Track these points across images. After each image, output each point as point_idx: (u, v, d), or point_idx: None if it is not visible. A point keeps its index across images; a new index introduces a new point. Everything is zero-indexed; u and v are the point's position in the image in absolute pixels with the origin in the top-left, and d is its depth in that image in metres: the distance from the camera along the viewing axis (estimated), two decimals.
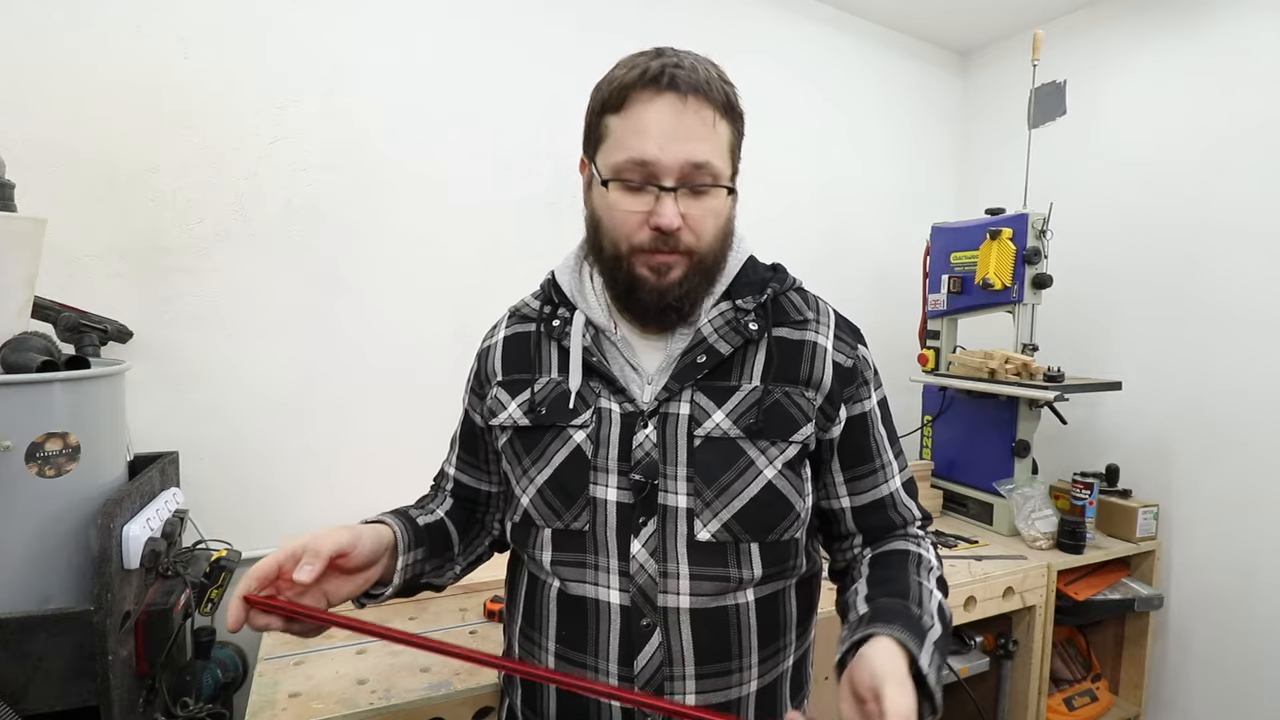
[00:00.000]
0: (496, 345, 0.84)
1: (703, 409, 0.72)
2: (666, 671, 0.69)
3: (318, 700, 0.96)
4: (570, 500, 0.72)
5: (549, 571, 0.74)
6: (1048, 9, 2.20)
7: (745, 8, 2.11)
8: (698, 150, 0.67)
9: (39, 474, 0.90)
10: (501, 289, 1.81)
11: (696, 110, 0.67)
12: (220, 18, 1.44)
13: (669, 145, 0.67)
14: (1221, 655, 1.85)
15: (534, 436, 0.75)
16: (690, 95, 0.67)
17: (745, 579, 0.71)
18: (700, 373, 0.73)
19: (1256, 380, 1.78)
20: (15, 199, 1.01)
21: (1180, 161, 1.93)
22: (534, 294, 0.85)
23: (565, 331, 0.77)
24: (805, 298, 0.81)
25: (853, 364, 0.78)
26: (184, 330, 1.45)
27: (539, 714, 0.76)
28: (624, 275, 0.72)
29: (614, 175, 0.70)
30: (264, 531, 1.52)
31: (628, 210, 0.70)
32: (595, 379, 0.75)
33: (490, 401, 0.80)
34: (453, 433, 0.92)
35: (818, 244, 2.26)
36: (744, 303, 0.75)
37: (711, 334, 0.74)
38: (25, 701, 0.88)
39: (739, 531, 0.71)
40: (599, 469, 0.72)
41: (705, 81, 0.68)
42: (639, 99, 0.68)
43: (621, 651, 0.70)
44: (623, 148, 0.69)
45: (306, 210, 1.55)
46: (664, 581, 0.70)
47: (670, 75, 0.66)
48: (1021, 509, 1.79)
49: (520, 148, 1.79)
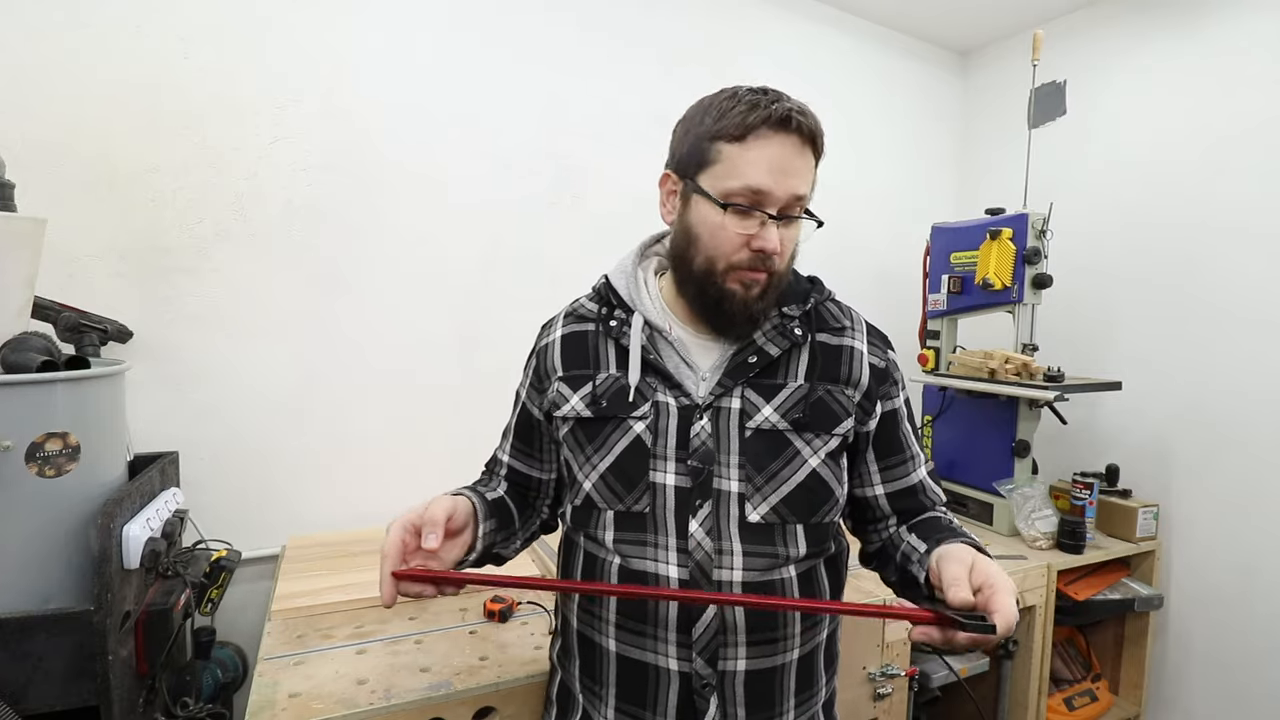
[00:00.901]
0: (555, 343, 0.90)
1: (753, 404, 0.80)
2: (721, 639, 0.77)
3: (318, 700, 0.96)
4: (631, 485, 0.80)
5: (610, 549, 0.81)
6: (1048, 9, 2.20)
7: (745, 8, 2.11)
8: (801, 185, 0.77)
9: (39, 474, 0.90)
10: (501, 289, 1.82)
11: (801, 148, 0.76)
12: (220, 18, 1.44)
13: (782, 179, 0.75)
14: (1221, 655, 1.86)
15: (596, 427, 0.82)
16: (799, 135, 0.75)
17: (791, 556, 0.79)
18: (751, 372, 0.81)
19: (1256, 380, 1.78)
20: (15, 199, 1.01)
21: (1180, 161, 1.93)
22: (588, 296, 0.92)
23: (623, 331, 0.84)
24: (840, 307, 0.90)
25: (885, 366, 0.87)
26: (184, 330, 1.45)
27: (599, 681, 0.82)
28: (714, 288, 0.79)
29: (725, 198, 0.76)
30: (264, 531, 1.52)
31: (735, 231, 0.76)
32: (652, 375, 0.82)
33: (553, 395, 0.87)
34: (505, 424, 0.99)
35: (818, 244, 2.25)
36: (789, 310, 0.84)
37: (760, 337, 0.82)
38: (25, 701, 0.88)
39: (786, 514, 0.79)
40: (658, 456, 0.79)
41: (817, 130, 0.77)
42: (762, 134, 0.75)
43: (680, 620, 0.76)
44: (738, 175, 0.75)
45: (306, 210, 1.55)
46: (719, 558, 0.77)
47: (796, 121, 0.75)
48: (1021, 509, 1.79)
49: (520, 148, 1.79)
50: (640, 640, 0.78)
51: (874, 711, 1.41)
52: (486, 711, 1.03)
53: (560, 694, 0.90)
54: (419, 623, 1.21)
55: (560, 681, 0.90)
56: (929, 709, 1.65)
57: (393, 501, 1.68)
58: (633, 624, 0.79)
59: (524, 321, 1.81)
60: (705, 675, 0.76)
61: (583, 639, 0.84)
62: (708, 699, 0.77)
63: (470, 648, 1.12)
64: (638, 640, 0.78)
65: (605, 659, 0.81)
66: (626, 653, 0.79)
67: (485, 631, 1.18)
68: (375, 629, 1.18)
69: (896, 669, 1.39)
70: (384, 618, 1.22)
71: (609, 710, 0.81)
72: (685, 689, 0.77)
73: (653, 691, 0.78)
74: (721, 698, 0.77)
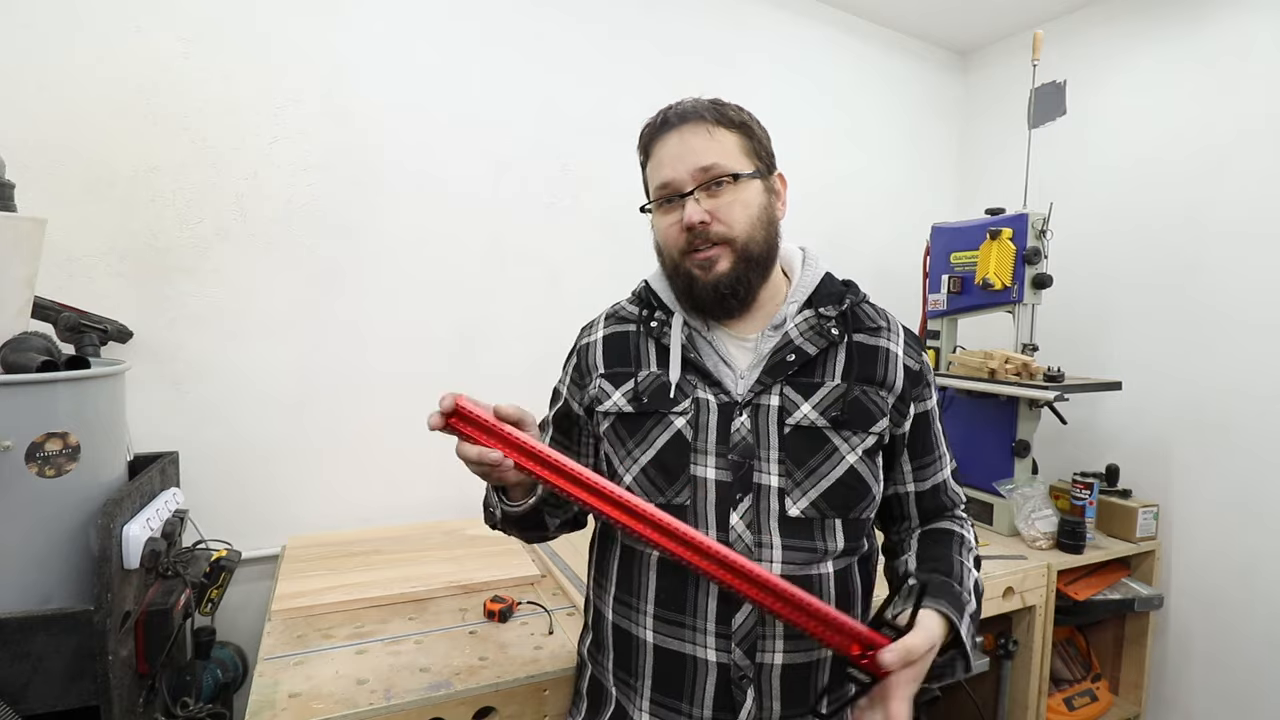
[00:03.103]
0: (597, 343, 0.93)
1: (792, 401, 0.82)
2: (759, 631, 0.78)
3: (318, 700, 0.96)
4: (672, 478, 0.81)
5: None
6: (1048, 9, 2.20)
7: (745, 7, 2.11)
8: (702, 158, 0.81)
9: (39, 474, 0.90)
10: (502, 289, 1.82)
11: (693, 131, 0.82)
12: (220, 17, 1.44)
13: (678, 164, 0.82)
14: (1221, 655, 1.86)
15: (637, 422, 0.85)
16: (683, 123, 0.83)
17: (829, 550, 0.81)
18: (789, 370, 0.83)
19: (1256, 380, 1.78)
20: (15, 199, 1.01)
21: (1180, 161, 1.93)
22: (629, 299, 0.96)
23: (664, 331, 0.87)
24: (875, 309, 0.92)
25: (919, 368, 0.89)
26: (184, 330, 1.45)
27: (634, 674, 0.83)
28: (682, 279, 0.85)
29: (653, 201, 0.87)
30: (264, 531, 1.52)
31: (667, 224, 0.84)
32: (692, 373, 0.85)
33: (595, 390, 0.89)
34: (543, 418, 0.99)
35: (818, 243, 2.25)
36: (826, 310, 0.86)
37: (798, 337, 0.84)
38: (25, 701, 0.88)
39: (825, 509, 0.80)
40: (699, 451, 0.81)
41: (692, 109, 0.83)
42: (655, 144, 0.85)
43: (719, 612, 0.78)
44: (653, 180, 0.86)
45: (306, 210, 1.55)
46: (759, 551, 0.78)
47: (665, 117, 0.84)
48: (1021, 509, 1.79)
49: (520, 147, 1.79)
50: (679, 631, 0.79)
51: None
52: (486, 711, 1.03)
53: (591, 688, 0.90)
54: (419, 623, 1.21)
55: (591, 676, 0.91)
56: (929, 709, 1.65)
57: (393, 502, 1.69)
58: (672, 615, 0.80)
59: (524, 321, 1.83)
60: (743, 667, 0.77)
61: (618, 631, 0.85)
62: (745, 691, 0.77)
63: (470, 648, 1.12)
64: (676, 631, 0.79)
65: (642, 651, 0.82)
66: (664, 644, 0.80)
67: (485, 631, 1.18)
68: (375, 629, 1.18)
69: None
70: (384, 618, 1.22)
71: (644, 702, 0.82)
72: (723, 680, 0.78)
73: (690, 683, 0.79)
74: (759, 690, 0.78)
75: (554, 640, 1.15)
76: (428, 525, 1.66)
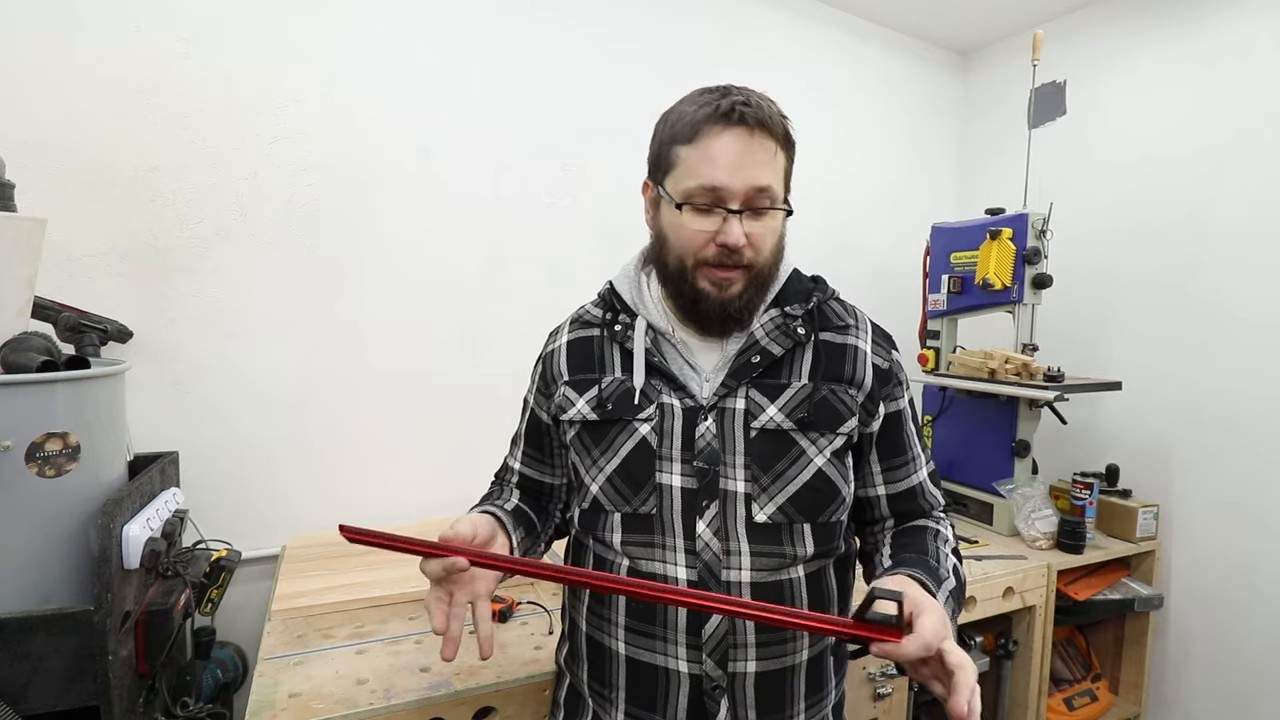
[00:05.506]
0: (560, 349, 0.91)
1: (757, 404, 0.80)
2: (730, 640, 0.77)
3: (318, 700, 0.96)
4: (638, 487, 0.80)
5: (619, 551, 0.81)
6: (1048, 9, 2.20)
7: (746, 7, 2.11)
8: (761, 176, 0.75)
9: (39, 474, 0.90)
10: (501, 288, 1.82)
11: (761, 142, 0.76)
12: (220, 17, 1.44)
13: (736, 173, 0.75)
14: (1221, 655, 1.86)
15: (602, 430, 0.83)
16: (756, 129, 0.75)
17: (799, 556, 0.79)
18: (754, 372, 0.80)
19: (1256, 380, 1.78)
20: (15, 199, 1.01)
21: (1180, 161, 1.93)
22: (593, 302, 0.93)
23: (627, 335, 0.85)
24: (844, 306, 0.89)
25: (889, 366, 0.86)
26: (184, 330, 1.45)
27: (609, 685, 0.82)
28: (689, 288, 0.80)
29: (685, 199, 0.77)
30: (264, 531, 1.52)
31: (696, 229, 0.77)
32: (657, 377, 0.82)
33: (559, 399, 0.87)
34: (514, 431, 0.99)
35: (818, 243, 2.26)
36: (792, 309, 0.83)
37: (764, 337, 0.82)
38: (25, 701, 0.88)
39: (793, 513, 0.79)
40: (664, 458, 0.79)
41: (769, 117, 0.76)
42: (709, 132, 0.75)
43: (690, 622, 0.76)
44: (694, 175, 0.76)
45: (306, 210, 1.55)
46: (727, 558, 0.77)
47: (739, 112, 0.75)
48: (1021, 509, 1.79)
49: (520, 147, 1.79)
50: (650, 643, 0.78)
51: (874, 712, 1.41)
52: (486, 711, 1.03)
53: (569, 698, 0.89)
54: (419, 623, 1.21)
55: (568, 685, 0.90)
56: (929, 709, 1.65)
57: (393, 501, 1.69)
58: (642, 626, 0.78)
59: (524, 321, 1.83)
60: (715, 677, 0.76)
61: (591, 642, 0.84)
62: (718, 701, 0.76)
63: (470, 648, 1.12)
64: (647, 643, 0.78)
65: (615, 662, 0.81)
66: (636, 655, 0.79)
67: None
68: (375, 629, 1.18)
69: (896, 669, 1.39)
70: (384, 618, 1.22)
71: (619, 714, 0.81)
72: (696, 691, 0.77)
73: (663, 694, 0.78)
74: (732, 700, 0.76)
75: (554, 640, 1.15)
76: (428, 525, 1.66)
